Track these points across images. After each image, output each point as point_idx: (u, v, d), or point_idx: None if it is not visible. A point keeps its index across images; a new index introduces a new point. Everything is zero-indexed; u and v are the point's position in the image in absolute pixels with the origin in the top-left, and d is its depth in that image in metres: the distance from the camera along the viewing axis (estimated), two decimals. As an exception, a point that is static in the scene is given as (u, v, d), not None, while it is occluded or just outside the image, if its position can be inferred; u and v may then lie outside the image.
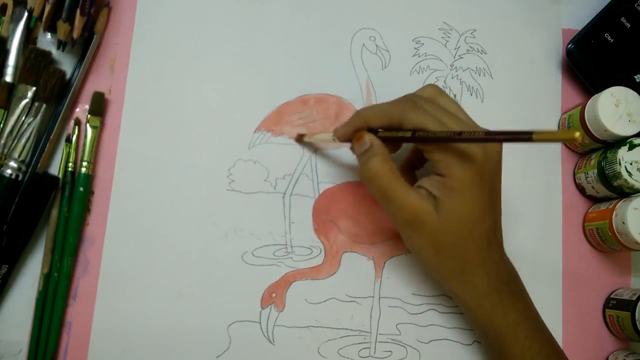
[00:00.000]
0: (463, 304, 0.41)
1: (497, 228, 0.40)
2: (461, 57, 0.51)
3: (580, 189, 0.49)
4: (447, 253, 0.38)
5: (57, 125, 0.44)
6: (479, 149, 0.36)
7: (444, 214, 0.37)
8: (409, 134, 0.37)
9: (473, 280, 0.39)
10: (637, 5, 0.49)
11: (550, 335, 0.41)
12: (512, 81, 0.51)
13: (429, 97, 0.39)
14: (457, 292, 0.40)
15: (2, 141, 0.43)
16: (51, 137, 0.44)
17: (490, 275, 0.39)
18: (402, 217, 0.38)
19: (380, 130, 0.40)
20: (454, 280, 0.40)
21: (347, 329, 0.46)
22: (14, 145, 0.43)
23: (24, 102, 0.44)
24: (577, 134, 0.27)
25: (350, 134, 0.41)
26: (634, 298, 0.44)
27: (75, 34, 0.44)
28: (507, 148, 0.49)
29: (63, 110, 0.45)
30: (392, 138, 0.39)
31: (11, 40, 0.45)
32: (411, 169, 0.45)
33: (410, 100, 0.38)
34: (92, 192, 0.45)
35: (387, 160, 0.38)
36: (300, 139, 0.47)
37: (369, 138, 0.39)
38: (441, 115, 0.37)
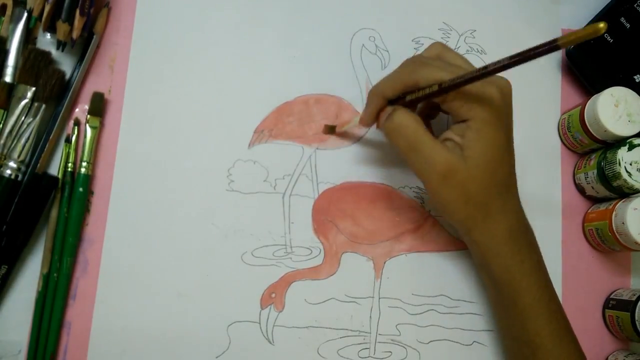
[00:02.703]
0: (481, 252, 0.41)
1: (512, 172, 0.41)
2: (461, 57, 0.51)
3: (580, 189, 0.49)
4: (474, 202, 0.39)
5: (56, 125, 0.44)
6: (495, 90, 0.37)
7: (471, 161, 0.38)
8: (435, 89, 0.37)
9: (494, 227, 0.40)
10: (637, 6, 0.49)
11: (556, 294, 0.42)
12: (512, 81, 0.51)
13: (435, 56, 0.41)
14: (477, 239, 0.41)
15: (2, 141, 0.43)
16: (51, 138, 0.44)
17: (510, 222, 0.40)
18: (434, 171, 0.38)
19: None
20: (476, 229, 0.40)
21: (346, 329, 0.46)
22: (13, 145, 0.43)
23: (23, 102, 0.44)
24: (602, 25, 0.27)
25: (375, 115, 0.42)
26: (634, 298, 0.44)
27: (75, 34, 0.44)
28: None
29: (62, 111, 0.45)
30: (418, 99, 0.39)
31: (11, 41, 0.45)
32: (426, 119, 0.45)
33: (417, 60, 0.40)
34: (92, 193, 0.45)
35: (413, 114, 0.39)
36: (329, 131, 0.48)
37: (389, 107, 0.40)
38: (451, 68, 0.38)
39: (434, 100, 0.39)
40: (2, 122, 0.43)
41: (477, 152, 0.38)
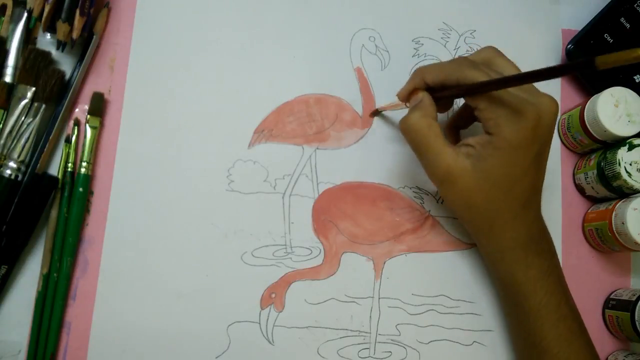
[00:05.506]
0: (486, 255, 0.43)
1: (536, 190, 0.41)
2: (461, 58, 0.51)
3: (580, 190, 0.49)
4: (478, 210, 0.40)
5: (56, 125, 0.44)
6: (532, 112, 0.36)
7: (481, 173, 0.38)
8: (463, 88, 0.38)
9: (500, 235, 0.40)
10: (637, 6, 0.49)
11: (571, 299, 0.41)
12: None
13: (485, 60, 0.40)
14: (483, 244, 0.42)
15: (2, 141, 0.43)
16: (50, 138, 0.44)
17: (519, 233, 0.40)
18: (434, 173, 0.40)
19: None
20: (481, 235, 0.42)
21: (346, 329, 0.46)
22: (13, 145, 0.43)
23: (23, 102, 0.44)
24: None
25: (409, 92, 0.42)
26: (634, 298, 0.44)
27: (75, 35, 0.44)
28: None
29: (62, 111, 0.45)
30: (448, 95, 0.40)
31: (11, 41, 0.45)
32: (456, 128, 0.46)
33: (467, 59, 0.40)
34: (92, 193, 0.45)
35: (428, 116, 0.40)
36: (376, 113, 0.49)
37: (422, 94, 0.41)
38: (497, 76, 0.37)
39: (469, 103, 0.39)
40: (2, 122, 0.43)
41: (491, 168, 0.38)
